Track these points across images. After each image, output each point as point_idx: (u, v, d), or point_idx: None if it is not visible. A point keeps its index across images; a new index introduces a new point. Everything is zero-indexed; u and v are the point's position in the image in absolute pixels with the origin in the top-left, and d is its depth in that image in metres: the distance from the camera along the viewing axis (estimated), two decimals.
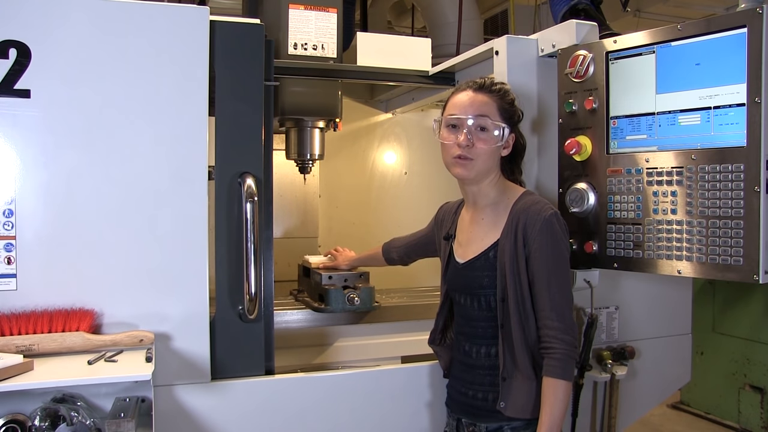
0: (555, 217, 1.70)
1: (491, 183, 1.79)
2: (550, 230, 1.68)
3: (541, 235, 1.67)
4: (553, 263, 1.67)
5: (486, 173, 1.77)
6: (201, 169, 1.85)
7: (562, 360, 1.64)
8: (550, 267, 1.67)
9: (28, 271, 1.71)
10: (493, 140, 1.73)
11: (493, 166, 1.78)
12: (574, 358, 1.68)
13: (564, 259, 1.71)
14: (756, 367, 4.54)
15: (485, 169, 1.76)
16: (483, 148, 1.73)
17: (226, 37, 1.91)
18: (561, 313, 1.66)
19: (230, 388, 1.90)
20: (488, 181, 1.79)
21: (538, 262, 1.67)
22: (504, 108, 1.77)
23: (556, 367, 1.64)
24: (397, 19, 5.73)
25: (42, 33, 1.71)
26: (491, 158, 1.75)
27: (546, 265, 1.67)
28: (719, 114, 1.63)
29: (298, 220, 3.28)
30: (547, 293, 1.66)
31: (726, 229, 1.61)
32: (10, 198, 1.71)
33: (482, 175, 1.76)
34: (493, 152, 1.75)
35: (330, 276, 2.38)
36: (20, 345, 1.63)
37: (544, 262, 1.67)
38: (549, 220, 1.68)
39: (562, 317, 1.66)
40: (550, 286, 1.67)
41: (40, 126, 1.72)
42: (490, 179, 1.79)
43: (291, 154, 2.73)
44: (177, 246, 1.83)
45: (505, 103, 1.78)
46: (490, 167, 1.77)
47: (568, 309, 1.68)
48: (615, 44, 1.85)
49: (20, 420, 1.62)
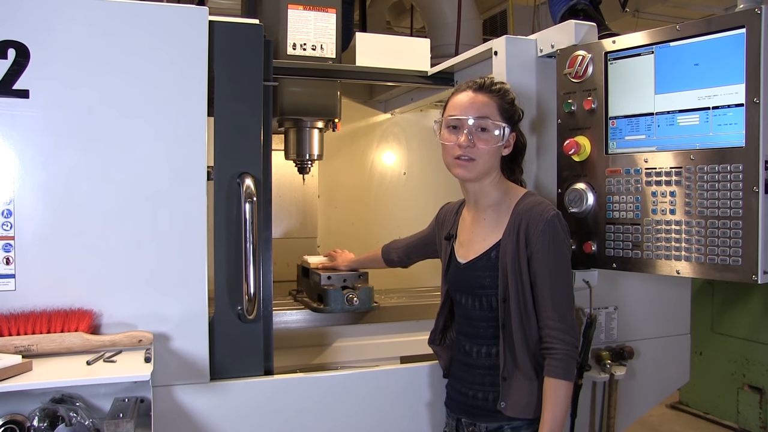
0: (557, 218, 1.70)
1: (492, 183, 1.80)
2: (553, 231, 1.68)
3: (544, 236, 1.68)
4: (555, 264, 1.68)
5: (487, 173, 1.77)
6: (200, 169, 1.85)
7: (564, 360, 1.64)
8: (552, 268, 1.68)
9: (27, 272, 1.71)
10: (494, 140, 1.74)
11: (494, 166, 1.78)
12: (575, 358, 1.68)
13: (566, 260, 1.72)
14: (755, 367, 4.55)
15: (486, 170, 1.76)
16: (484, 149, 1.73)
17: (225, 38, 1.91)
18: (562, 314, 1.66)
19: (229, 389, 1.90)
20: (489, 181, 1.79)
21: (540, 263, 1.68)
22: (504, 107, 1.77)
23: (557, 367, 1.64)
24: (396, 19, 5.72)
25: (41, 33, 1.71)
26: (492, 158, 1.76)
27: (548, 266, 1.68)
28: (718, 114, 1.63)
29: (297, 220, 3.28)
30: (549, 294, 1.67)
31: (725, 230, 1.61)
32: (8, 198, 1.71)
33: (483, 175, 1.76)
34: (494, 152, 1.75)
35: (329, 276, 2.38)
36: (19, 345, 1.63)
37: (546, 263, 1.67)
38: (551, 221, 1.68)
39: (564, 318, 1.66)
40: (552, 287, 1.67)
41: (39, 126, 1.72)
42: (491, 179, 1.79)
43: (290, 154, 2.73)
44: (176, 246, 1.83)
45: (506, 102, 1.78)
46: (491, 167, 1.77)
47: (569, 310, 1.69)
48: (614, 44, 1.86)
49: (19, 420, 1.62)
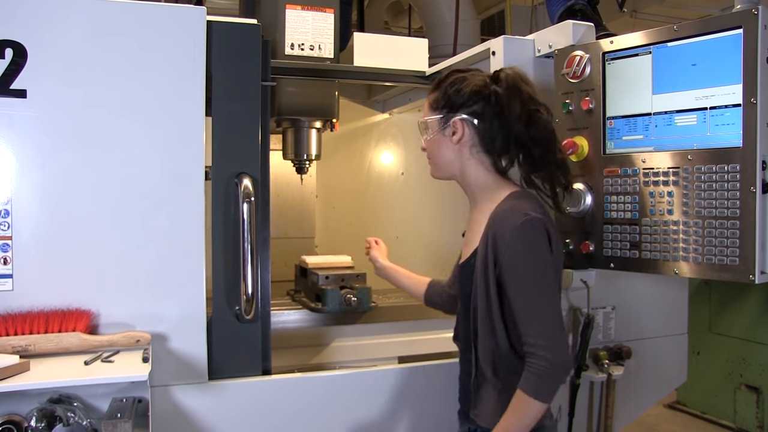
0: (527, 226, 1.53)
1: (469, 180, 1.69)
2: (521, 241, 1.53)
3: (512, 249, 1.53)
4: (528, 275, 1.54)
5: (451, 171, 1.70)
6: (198, 169, 1.85)
7: (538, 377, 1.49)
8: (525, 279, 1.54)
9: (25, 272, 1.71)
10: (432, 136, 1.70)
11: (454, 161, 1.68)
12: (556, 378, 1.51)
13: (539, 269, 1.55)
14: (752, 367, 4.56)
15: (446, 166, 1.70)
16: (428, 149, 1.74)
17: (223, 38, 1.90)
18: (540, 326, 1.51)
19: (227, 389, 1.89)
20: (463, 178, 1.70)
21: (511, 276, 1.54)
22: (439, 98, 1.67)
23: (529, 381, 1.51)
24: (394, 19, 5.73)
25: (38, 33, 1.71)
26: (444, 154, 1.68)
27: (520, 277, 1.54)
28: (715, 114, 1.63)
29: (294, 220, 3.28)
30: (524, 306, 1.53)
31: (722, 230, 1.61)
32: (6, 198, 1.70)
33: (448, 173, 1.71)
34: (441, 148, 1.68)
35: (327, 276, 2.38)
36: (16, 345, 1.62)
37: (517, 276, 1.54)
38: (519, 229, 1.53)
39: (542, 330, 1.51)
40: (527, 299, 1.54)
41: (37, 126, 1.72)
42: (464, 176, 1.69)
43: (288, 154, 2.73)
44: (174, 246, 1.83)
45: (443, 89, 1.66)
46: (450, 162, 1.69)
47: (548, 321, 1.52)
48: (611, 45, 1.86)
49: (16, 421, 1.61)
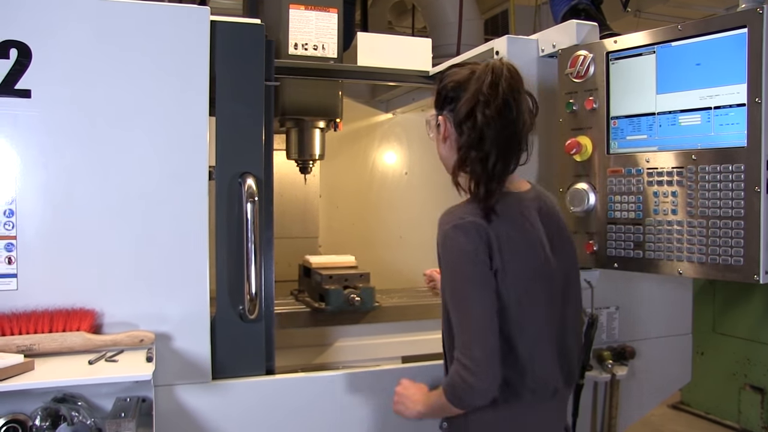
0: (453, 231, 1.46)
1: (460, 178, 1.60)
2: (444, 248, 1.48)
3: (442, 255, 1.50)
4: (449, 283, 1.50)
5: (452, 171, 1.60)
6: (201, 169, 1.85)
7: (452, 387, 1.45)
8: (450, 287, 1.50)
9: (29, 271, 1.71)
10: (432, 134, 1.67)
11: (448, 158, 1.62)
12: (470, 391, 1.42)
13: (460, 278, 1.47)
14: (756, 368, 4.54)
15: (445, 164, 1.65)
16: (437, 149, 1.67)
17: (227, 38, 1.91)
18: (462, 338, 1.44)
19: (231, 388, 1.90)
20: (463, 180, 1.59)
21: (443, 282, 1.52)
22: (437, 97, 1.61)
23: (447, 386, 1.47)
24: (398, 19, 5.73)
25: (43, 33, 1.71)
26: (440, 152, 1.65)
27: (446, 284, 1.51)
28: (720, 114, 1.63)
29: (298, 220, 3.29)
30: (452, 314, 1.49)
31: (726, 230, 1.61)
32: (10, 198, 1.71)
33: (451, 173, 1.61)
34: (438, 145, 1.65)
35: (330, 276, 2.39)
36: (21, 345, 1.63)
37: (444, 281, 1.52)
38: (445, 234, 1.48)
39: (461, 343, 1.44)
40: (452, 306, 1.49)
41: (41, 126, 1.72)
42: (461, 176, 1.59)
43: (291, 154, 2.74)
44: (177, 246, 1.83)
45: (438, 89, 1.61)
46: (446, 160, 1.64)
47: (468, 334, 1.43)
48: (615, 44, 1.85)
49: (21, 420, 1.62)
